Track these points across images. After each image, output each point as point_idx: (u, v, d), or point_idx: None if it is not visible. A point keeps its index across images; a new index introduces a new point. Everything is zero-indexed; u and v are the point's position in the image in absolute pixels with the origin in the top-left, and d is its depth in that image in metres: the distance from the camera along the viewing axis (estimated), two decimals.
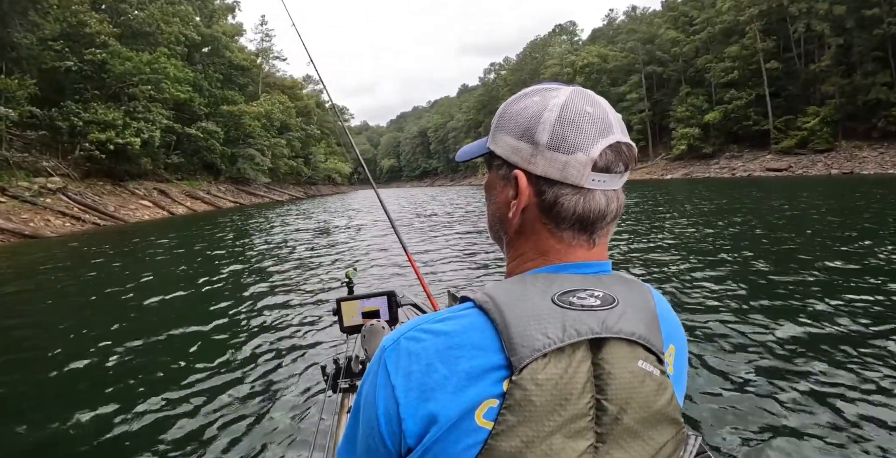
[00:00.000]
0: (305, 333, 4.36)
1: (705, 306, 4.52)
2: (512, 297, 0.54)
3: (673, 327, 0.62)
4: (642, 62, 53.63)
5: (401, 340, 0.55)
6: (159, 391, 3.25)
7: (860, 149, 35.11)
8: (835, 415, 2.58)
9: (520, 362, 0.50)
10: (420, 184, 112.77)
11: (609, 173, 0.57)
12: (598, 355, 0.52)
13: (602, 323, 0.52)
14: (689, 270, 6.05)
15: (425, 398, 0.51)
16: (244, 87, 44.51)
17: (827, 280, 5.21)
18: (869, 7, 34.32)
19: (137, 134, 23.26)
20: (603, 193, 0.58)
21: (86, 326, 4.94)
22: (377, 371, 0.56)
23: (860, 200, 13.54)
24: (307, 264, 8.12)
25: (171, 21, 28.69)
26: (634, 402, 0.52)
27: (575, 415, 0.50)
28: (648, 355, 0.54)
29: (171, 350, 4.10)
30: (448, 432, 0.50)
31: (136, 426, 2.81)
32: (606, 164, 0.57)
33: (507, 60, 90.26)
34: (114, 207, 20.64)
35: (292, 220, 18.04)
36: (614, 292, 0.56)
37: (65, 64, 22.40)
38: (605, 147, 0.56)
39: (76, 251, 11.29)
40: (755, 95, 42.46)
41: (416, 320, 0.57)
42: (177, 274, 7.78)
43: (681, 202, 16.45)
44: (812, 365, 3.16)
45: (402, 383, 0.53)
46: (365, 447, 0.56)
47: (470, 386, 0.51)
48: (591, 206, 0.57)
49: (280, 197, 41.78)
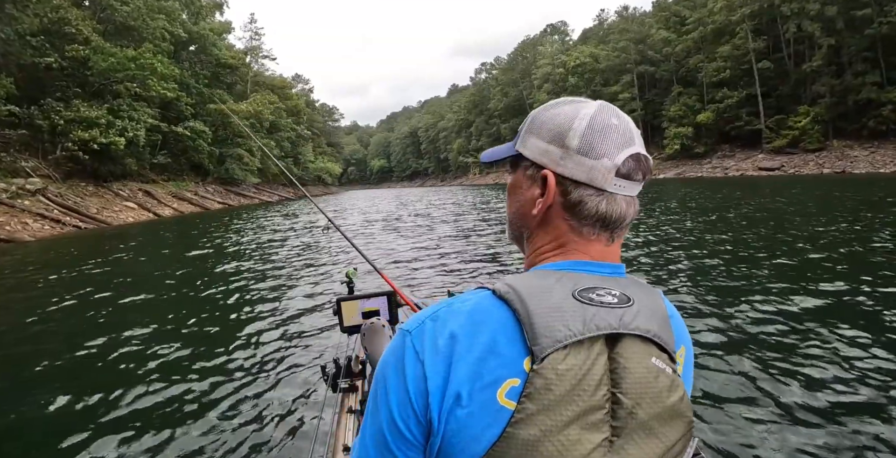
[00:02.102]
0: (305, 333, 4.33)
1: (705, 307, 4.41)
2: (535, 289, 0.56)
3: (681, 330, 0.65)
4: (634, 62, 53.64)
5: (426, 321, 0.58)
6: (158, 391, 3.23)
7: (851, 148, 35.32)
8: (824, 410, 2.59)
9: (542, 351, 0.51)
10: (410, 184, 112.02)
11: (629, 180, 0.62)
12: (614, 350, 0.54)
13: (620, 320, 0.55)
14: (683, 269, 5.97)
15: (450, 372, 0.53)
16: (232, 86, 43.65)
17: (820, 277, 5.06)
18: (860, 8, 34.55)
19: (122, 133, 22.40)
20: (623, 197, 0.63)
21: (71, 329, 4.74)
22: (402, 355, 0.56)
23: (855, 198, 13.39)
24: (306, 264, 7.99)
25: (156, 17, 27.83)
26: (648, 397, 0.54)
27: (591, 406, 0.52)
28: (661, 353, 0.56)
29: (170, 351, 4.01)
30: (471, 409, 0.52)
31: (135, 427, 2.79)
32: (628, 171, 0.62)
33: (498, 60, 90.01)
34: (96, 209, 19.86)
35: (286, 220, 17.60)
36: (630, 292, 0.59)
37: (45, 60, 21.53)
38: (628, 156, 0.62)
39: (54, 255, 10.65)
40: (746, 95, 42.58)
41: (435, 305, 0.60)
42: (169, 276, 7.50)
43: (685, 206, 16.18)
44: (804, 364, 3.15)
45: (430, 359, 0.54)
46: (388, 434, 0.56)
47: (491, 359, 0.53)
48: (613, 208, 0.62)
49: (269, 198, 41.03)
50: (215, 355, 3.88)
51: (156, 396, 3.16)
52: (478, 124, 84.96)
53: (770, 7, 40.89)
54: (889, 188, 16.62)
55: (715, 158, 44.44)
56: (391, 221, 15.49)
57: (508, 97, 76.55)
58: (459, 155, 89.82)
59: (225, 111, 29.67)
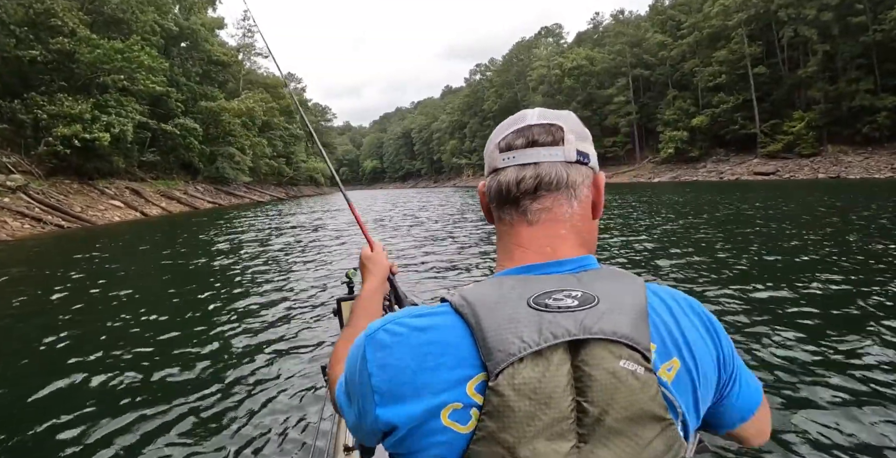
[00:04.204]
0: (305, 333, 4.31)
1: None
2: (488, 300, 0.54)
3: (676, 336, 0.58)
4: (629, 65, 53.62)
5: (379, 331, 0.57)
6: (157, 391, 3.21)
7: (845, 153, 35.49)
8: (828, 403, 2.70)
9: (496, 366, 0.50)
10: (403, 185, 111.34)
11: (512, 150, 0.63)
12: (577, 357, 0.51)
13: (580, 324, 0.52)
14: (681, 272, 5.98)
15: (395, 393, 0.53)
16: (224, 83, 42.80)
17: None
18: (855, 15, 34.74)
19: (107, 129, 21.59)
20: (514, 168, 0.63)
21: (68, 330, 4.53)
22: (358, 355, 0.58)
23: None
24: (304, 264, 7.95)
25: (146, 9, 27.07)
26: (616, 403, 0.51)
27: (556, 419, 0.50)
28: (633, 353, 0.52)
29: (169, 352, 3.96)
30: (417, 427, 0.52)
31: (135, 427, 2.76)
32: (507, 143, 0.64)
33: (492, 62, 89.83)
34: (80, 208, 19.10)
35: (280, 220, 17.14)
36: (595, 290, 0.55)
37: (29, 54, 20.74)
38: (510, 132, 0.64)
39: (32, 255, 10.02)
40: (742, 100, 42.70)
41: (397, 313, 0.59)
42: (164, 276, 7.42)
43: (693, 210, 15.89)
44: (808, 361, 3.25)
45: (378, 373, 0.55)
46: (355, 409, 0.59)
47: (436, 385, 0.52)
48: (503, 178, 0.63)
49: (261, 198, 40.26)
50: (215, 355, 3.85)
51: (155, 396, 3.13)
52: (472, 126, 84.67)
53: (766, 12, 41.02)
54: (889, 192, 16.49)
55: (710, 162, 44.50)
56: (405, 219, 15.02)
57: (503, 99, 76.36)
58: (453, 156, 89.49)
59: (220, 109, 28.88)
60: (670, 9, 53.08)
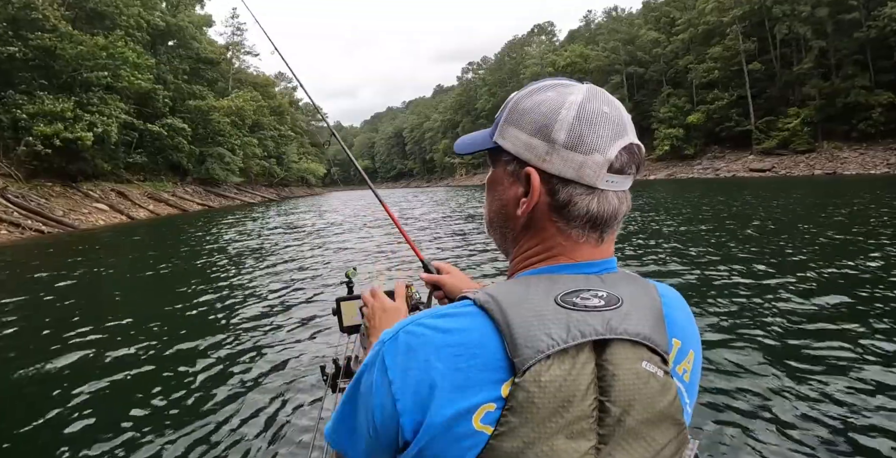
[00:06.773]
0: (305, 333, 4.28)
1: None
2: (515, 298, 0.53)
3: (686, 327, 0.61)
4: (623, 63, 53.44)
5: (399, 334, 0.54)
6: (157, 392, 3.19)
7: (840, 150, 35.45)
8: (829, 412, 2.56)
9: (523, 363, 0.49)
10: (395, 185, 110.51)
11: (622, 175, 0.57)
12: (601, 356, 0.52)
13: (606, 324, 0.52)
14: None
15: (421, 397, 0.51)
16: (213, 82, 41.82)
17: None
18: (848, 11, 34.69)
19: (90, 128, 20.71)
20: (615, 193, 0.58)
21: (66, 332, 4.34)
22: (374, 363, 0.55)
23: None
24: (304, 264, 7.86)
25: (131, 3, 26.17)
26: (637, 403, 0.51)
27: (577, 417, 0.50)
28: (653, 356, 0.53)
29: (168, 352, 3.94)
30: (444, 433, 0.50)
31: (135, 427, 2.73)
32: (621, 165, 0.56)
33: (485, 60, 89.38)
34: (62, 212, 18.26)
35: (274, 221, 16.60)
36: (619, 291, 0.55)
37: (8, 50, 19.83)
38: (621, 149, 0.56)
39: (8, 263, 9.33)
40: (737, 96, 42.62)
41: (417, 315, 0.57)
42: (161, 277, 7.37)
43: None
44: (804, 362, 3.19)
45: (400, 378, 0.52)
46: (364, 433, 0.56)
47: (468, 387, 0.50)
48: (605, 206, 0.57)
49: (252, 199, 39.44)
50: (214, 355, 3.82)
51: (154, 396, 3.13)
52: (465, 125, 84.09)
53: (761, 9, 40.93)
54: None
55: (705, 159, 44.40)
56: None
57: (496, 97, 75.87)
58: (445, 156, 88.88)
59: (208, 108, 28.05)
60: (665, 5, 52.92)
